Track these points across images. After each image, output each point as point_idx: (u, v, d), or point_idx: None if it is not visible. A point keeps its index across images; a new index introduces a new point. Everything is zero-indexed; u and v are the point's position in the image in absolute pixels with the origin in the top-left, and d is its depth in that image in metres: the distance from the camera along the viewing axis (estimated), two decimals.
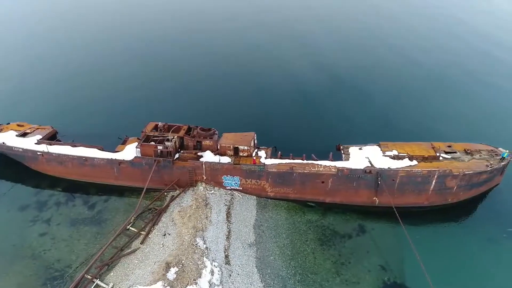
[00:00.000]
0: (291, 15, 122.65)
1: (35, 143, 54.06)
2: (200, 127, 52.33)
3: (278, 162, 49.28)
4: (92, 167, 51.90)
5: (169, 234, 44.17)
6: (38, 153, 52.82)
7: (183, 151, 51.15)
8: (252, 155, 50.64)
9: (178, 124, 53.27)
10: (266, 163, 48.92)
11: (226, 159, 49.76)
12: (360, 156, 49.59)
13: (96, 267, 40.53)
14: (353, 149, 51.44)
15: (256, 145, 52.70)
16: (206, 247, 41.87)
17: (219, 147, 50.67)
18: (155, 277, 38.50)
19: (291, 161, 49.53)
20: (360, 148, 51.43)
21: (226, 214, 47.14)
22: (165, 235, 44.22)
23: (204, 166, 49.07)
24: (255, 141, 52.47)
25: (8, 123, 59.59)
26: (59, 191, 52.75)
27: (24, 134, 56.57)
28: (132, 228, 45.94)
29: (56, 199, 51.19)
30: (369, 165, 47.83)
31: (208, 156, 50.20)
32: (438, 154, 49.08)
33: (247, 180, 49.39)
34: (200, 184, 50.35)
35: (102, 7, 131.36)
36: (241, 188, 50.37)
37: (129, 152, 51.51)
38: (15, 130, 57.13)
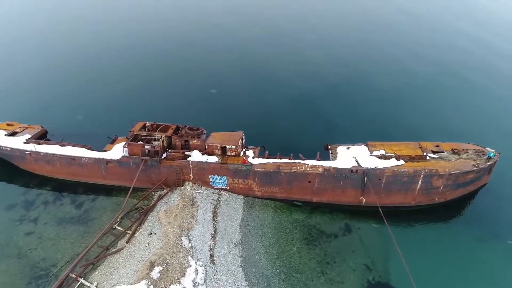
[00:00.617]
0: (275, 14, 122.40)
1: (24, 142, 54.05)
2: (188, 127, 52.30)
3: (265, 162, 49.28)
4: (80, 167, 51.91)
5: (155, 233, 44.23)
6: (26, 152, 52.79)
7: (171, 151, 51.12)
8: (240, 154, 50.67)
9: (166, 124, 53.31)
10: (253, 163, 48.94)
11: (213, 159, 49.71)
12: (348, 156, 49.57)
13: (81, 266, 40.65)
14: (341, 149, 51.43)
15: (244, 144, 52.70)
16: (191, 246, 41.92)
17: (206, 147, 50.67)
18: (139, 276, 38.61)
19: (278, 160, 49.54)
20: (348, 148, 51.41)
21: (213, 213, 47.15)
22: (151, 234, 44.28)
23: (191, 165, 49.07)
24: (244, 141, 52.47)
25: None
26: (47, 190, 52.74)
27: (13, 134, 56.50)
28: (118, 227, 46.02)
29: (44, 198, 51.20)
30: (356, 164, 47.87)
31: (196, 156, 50.18)
32: (425, 154, 49.04)
33: (234, 179, 49.39)
34: (187, 183, 50.36)
35: (89, 5, 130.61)
36: (228, 188, 50.37)
37: (117, 151, 51.52)
38: (4, 130, 57.03)
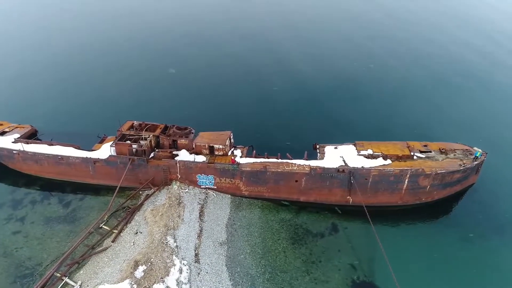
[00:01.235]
0: (264, 13, 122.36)
1: (12, 142, 54.04)
2: (176, 126, 52.34)
3: (252, 161, 49.32)
4: (68, 166, 51.92)
5: (141, 233, 44.24)
6: (14, 151, 52.80)
7: (158, 150, 51.14)
8: (228, 154, 50.71)
9: (154, 123, 53.33)
10: (240, 162, 48.97)
11: (201, 158, 49.76)
12: (335, 156, 49.62)
13: (66, 265, 40.62)
14: (329, 148, 51.48)
15: (232, 144, 52.73)
16: (176, 246, 41.97)
17: (194, 146, 50.70)
18: (123, 275, 38.61)
19: (266, 160, 49.57)
20: (336, 147, 51.47)
21: (199, 212, 47.19)
22: (136, 233, 44.29)
23: (178, 164, 49.10)
24: (232, 140, 52.51)
25: None
26: (35, 189, 52.70)
27: (2, 133, 56.47)
28: (104, 227, 46.05)
29: (31, 198, 51.17)
30: (343, 164, 47.92)
31: (184, 155, 50.20)
32: (412, 154, 49.11)
33: (221, 179, 49.42)
34: (174, 183, 50.38)
35: (79, 6, 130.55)
36: (215, 187, 50.40)
37: (105, 151, 51.53)
38: None
